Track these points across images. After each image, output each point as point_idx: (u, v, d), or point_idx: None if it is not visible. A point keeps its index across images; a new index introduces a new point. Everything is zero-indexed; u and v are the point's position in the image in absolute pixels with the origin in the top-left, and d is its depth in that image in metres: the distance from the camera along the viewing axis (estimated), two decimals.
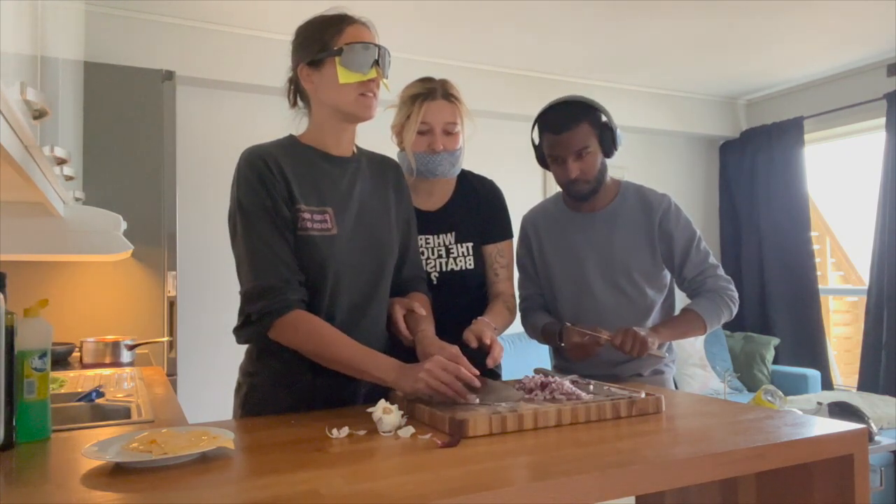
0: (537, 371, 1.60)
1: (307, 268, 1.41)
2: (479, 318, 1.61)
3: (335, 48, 1.41)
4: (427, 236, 1.78)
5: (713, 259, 1.92)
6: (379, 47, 1.43)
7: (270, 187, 1.40)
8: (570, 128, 1.79)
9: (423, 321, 1.51)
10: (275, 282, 1.36)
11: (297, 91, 1.54)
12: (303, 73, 1.46)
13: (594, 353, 1.76)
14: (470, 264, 1.79)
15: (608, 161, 1.89)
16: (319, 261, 1.42)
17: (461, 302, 1.75)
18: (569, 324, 1.82)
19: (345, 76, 1.40)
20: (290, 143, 1.50)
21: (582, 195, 1.87)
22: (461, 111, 1.76)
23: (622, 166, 4.41)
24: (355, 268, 1.46)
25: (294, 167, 1.44)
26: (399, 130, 1.79)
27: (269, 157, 1.42)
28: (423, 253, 1.77)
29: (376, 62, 1.42)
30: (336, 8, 1.48)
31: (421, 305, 1.55)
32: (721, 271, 1.91)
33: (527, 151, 4.51)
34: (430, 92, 1.73)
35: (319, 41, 1.43)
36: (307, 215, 1.42)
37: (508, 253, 1.86)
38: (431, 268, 1.78)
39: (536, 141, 1.92)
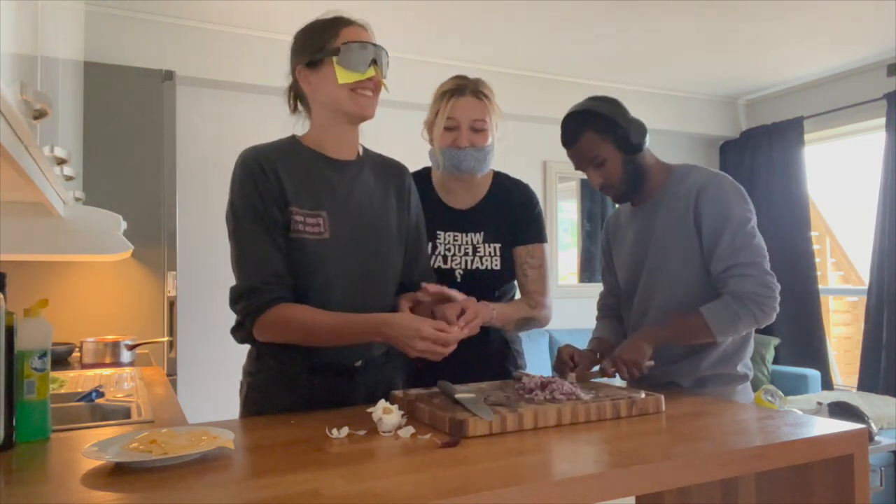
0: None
1: (298, 271, 1.40)
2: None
3: (333, 49, 1.41)
4: (455, 234, 1.79)
5: (752, 255, 1.59)
6: (376, 47, 1.43)
7: (262, 189, 1.39)
8: (574, 142, 1.72)
9: (430, 306, 1.46)
10: (256, 283, 1.36)
11: (296, 96, 1.54)
12: (301, 76, 1.46)
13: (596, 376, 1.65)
14: (496, 265, 1.78)
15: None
16: (310, 265, 1.41)
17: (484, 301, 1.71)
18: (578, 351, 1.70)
19: (343, 76, 1.40)
20: (291, 144, 1.49)
21: (617, 199, 1.80)
22: (491, 109, 1.75)
23: None
24: (347, 274, 1.44)
25: (291, 169, 1.43)
26: (430, 127, 1.81)
27: (265, 158, 1.42)
28: (449, 250, 1.77)
29: (374, 61, 1.42)
30: (333, 11, 1.47)
31: (426, 286, 1.47)
32: (757, 270, 1.58)
33: (526, 151, 4.49)
34: (459, 88, 1.74)
35: (317, 43, 1.43)
36: (299, 218, 1.40)
37: (539, 255, 1.80)
38: (457, 265, 1.77)
39: None
